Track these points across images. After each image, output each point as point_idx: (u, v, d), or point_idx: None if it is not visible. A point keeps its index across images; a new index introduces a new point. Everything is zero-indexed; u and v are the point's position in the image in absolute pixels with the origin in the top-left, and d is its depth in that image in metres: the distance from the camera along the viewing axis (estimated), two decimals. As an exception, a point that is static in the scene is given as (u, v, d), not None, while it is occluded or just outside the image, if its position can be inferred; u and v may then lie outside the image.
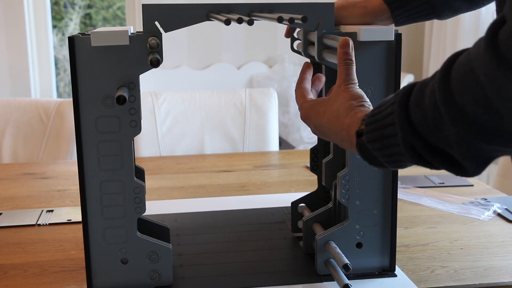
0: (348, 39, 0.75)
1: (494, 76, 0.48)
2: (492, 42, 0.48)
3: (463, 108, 0.51)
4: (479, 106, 0.50)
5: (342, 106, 0.70)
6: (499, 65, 0.47)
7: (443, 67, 0.54)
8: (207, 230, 1.11)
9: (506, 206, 1.22)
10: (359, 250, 0.92)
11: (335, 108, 0.71)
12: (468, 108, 0.51)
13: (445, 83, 0.52)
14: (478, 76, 0.49)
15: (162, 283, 0.89)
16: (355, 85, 0.73)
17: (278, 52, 4.01)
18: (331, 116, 0.72)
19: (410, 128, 0.57)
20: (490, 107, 0.49)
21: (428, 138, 0.56)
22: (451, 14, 0.93)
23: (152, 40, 0.79)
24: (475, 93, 0.50)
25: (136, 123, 0.84)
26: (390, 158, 0.62)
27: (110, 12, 4.94)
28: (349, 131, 0.67)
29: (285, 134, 3.58)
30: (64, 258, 1.00)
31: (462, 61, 0.52)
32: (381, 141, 0.61)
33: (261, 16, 0.79)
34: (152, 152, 1.87)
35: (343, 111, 0.69)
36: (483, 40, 0.50)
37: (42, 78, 3.74)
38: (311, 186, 1.39)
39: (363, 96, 0.71)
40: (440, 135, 0.55)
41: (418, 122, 0.56)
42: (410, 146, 0.58)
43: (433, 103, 0.54)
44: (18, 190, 1.40)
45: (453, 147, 0.54)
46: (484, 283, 0.90)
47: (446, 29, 3.43)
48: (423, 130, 0.56)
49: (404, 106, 0.58)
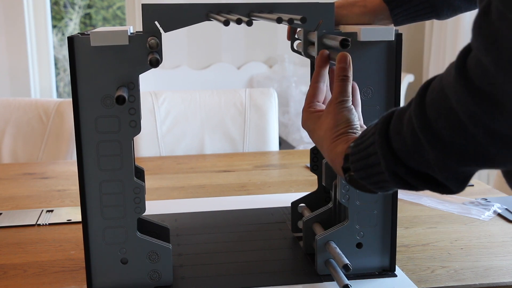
0: (346, 55, 0.76)
1: (465, 103, 0.49)
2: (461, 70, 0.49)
3: (439, 133, 0.53)
4: (454, 131, 0.52)
5: (325, 136, 0.73)
6: (469, 93, 0.49)
7: (418, 94, 0.56)
8: (207, 230, 1.11)
9: (506, 206, 1.22)
10: (359, 250, 0.92)
11: (321, 133, 0.74)
12: (444, 133, 0.53)
13: (421, 110, 0.54)
14: (451, 102, 0.51)
15: (162, 283, 0.89)
16: (347, 102, 0.74)
17: (278, 52, 4.01)
18: (317, 141, 0.75)
19: (392, 156, 0.59)
20: (464, 132, 0.51)
21: (410, 164, 0.58)
22: (451, 13, 0.93)
23: (152, 40, 0.79)
24: (449, 119, 0.52)
25: (135, 123, 0.84)
26: (377, 185, 0.64)
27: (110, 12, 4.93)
28: (334, 165, 0.71)
29: (285, 134, 3.57)
30: (64, 258, 1.00)
31: (436, 87, 0.54)
32: (366, 170, 0.64)
33: (260, 16, 0.79)
34: (152, 152, 1.87)
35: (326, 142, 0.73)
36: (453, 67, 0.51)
37: (42, 78, 3.74)
38: (311, 186, 1.39)
39: (348, 120, 0.72)
40: (420, 160, 0.57)
41: (399, 149, 0.59)
42: (393, 172, 0.60)
43: (411, 130, 0.56)
44: (18, 190, 1.40)
45: (435, 170, 0.56)
46: (484, 283, 0.90)
47: (446, 29, 3.43)
48: (405, 157, 0.58)
49: (384, 134, 0.60)
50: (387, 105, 0.88)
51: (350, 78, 0.76)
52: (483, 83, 0.48)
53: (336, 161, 0.70)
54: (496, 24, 0.45)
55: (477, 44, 0.48)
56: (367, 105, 0.87)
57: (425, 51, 3.79)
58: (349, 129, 0.72)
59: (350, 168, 0.66)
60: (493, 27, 0.46)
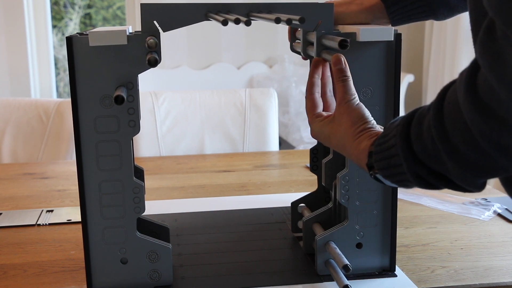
0: (339, 56, 0.77)
1: (474, 119, 0.51)
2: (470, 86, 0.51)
3: (456, 146, 0.55)
4: (468, 145, 0.53)
5: (346, 134, 0.74)
6: (476, 110, 0.50)
7: (436, 102, 0.57)
8: (207, 230, 1.11)
9: (506, 206, 1.21)
10: (359, 250, 0.92)
11: (340, 134, 0.75)
12: (460, 146, 0.54)
13: (439, 121, 0.56)
14: (464, 118, 0.53)
15: (162, 283, 0.89)
16: (354, 100, 0.76)
17: (278, 52, 4.01)
18: (338, 143, 0.76)
19: (413, 158, 0.61)
20: (477, 147, 0.52)
21: (431, 166, 0.60)
22: (447, 12, 0.92)
23: (150, 40, 0.79)
24: (464, 134, 0.53)
25: (134, 123, 0.84)
26: (400, 183, 0.66)
27: (110, 12, 4.93)
28: (359, 161, 0.72)
29: (285, 134, 3.57)
30: (64, 258, 1.00)
31: (452, 100, 0.55)
32: (389, 170, 0.65)
33: (259, 16, 0.79)
34: (152, 152, 1.87)
35: (348, 140, 0.73)
36: (463, 83, 0.52)
37: (42, 78, 3.74)
38: (311, 186, 1.39)
39: (364, 116, 0.74)
40: (440, 165, 0.58)
41: (420, 153, 0.60)
42: (415, 174, 0.62)
43: (431, 138, 0.58)
44: (18, 190, 1.40)
45: (453, 177, 0.58)
46: (484, 283, 0.90)
47: (446, 29, 3.43)
48: (426, 160, 0.60)
49: (405, 137, 0.62)
50: (386, 106, 0.88)
51: (350, 77, 0.77)
52: (490, 100, 0.48)
53: (360, 157, 0.71)
54: (499, 42, 0.46)
55: (483, 62, 0.48)
56: (367, 106, 0.87)
57: (425, 51, 3.79)
58: (367, 124, 0.73)
59: (374, 166, 0.68)
60: (497, 45, 0.46)
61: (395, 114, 0.88)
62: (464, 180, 0.57)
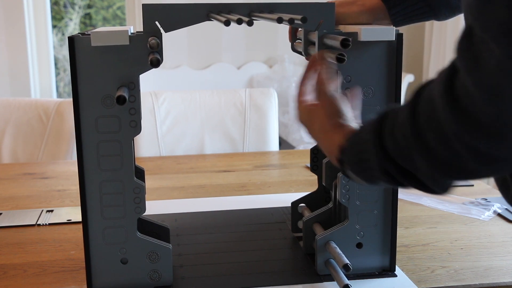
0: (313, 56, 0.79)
1: (449, 120, 0.51)
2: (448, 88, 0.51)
3: (428, 143, 0.55)
4: (441, 144, 0.54)
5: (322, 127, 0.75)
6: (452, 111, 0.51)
7: (411, 100, 0.58)
8: (207, 230, 1.11)
9: (506, 206, 1.21)
10: (359, 250, 0.92)
11: (317, 125, 0.76)
12: (432, 145, 0.54)
13: (414, 118, 0.56)
14: (439, 116, 0.53)
15: (162, 283, 0.89)
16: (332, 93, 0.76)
17: (278, 52, 4.00)
18: (315, 134, 0.77)
19: (384, 154, 0.61)
20: (450, 146, 0.53)
21: (401, 163, 0.60)
22: (449, 13, 0.92)
23: (152, 40, 0.79)
24: (437, 131, 0.53)
25: (136, 123, 0.84)
26: (369, 179, 0.67)
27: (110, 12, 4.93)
28: (331, 155, 0.73)
29: (285, 134, 3.57)
30: (64, 258, 1.00)
31: (428, 98, 0.55)
32: (359, 165, 0.66)
33: (261, 16, 0.79)
34: (152, 152, 1.87)
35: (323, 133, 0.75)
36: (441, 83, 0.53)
37: (42, 78, 3.74)
38: (311, 186, 1.39)
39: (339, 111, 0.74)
40: (410, 163, 0.59)
41: (391, 149, 0.61)
42: (384, 170, 0.63)
43: (403, 134, 0.58)
44: (18, 190, 1.40)
45: (421, 175, 0.59)
46: (485, 283, 0.90)
47: (446, 29, 3.43)
48: (396, 156, 0.60)
49: (378, 133, 0.62)
50: (387, 105, 0.88)
51: (326, 69, 0.77)
52: (466, 102, 0.49)
53: (332, 152, 0.72)
54: (477, 47, 0.47)
55: (461, 65, 0.49)
56: (368, 105, 0.87)
57: (425, 51, 3.79)
58: (342, 120, 0.73)
59: (345, 161, 0.69)
60: (475, 50, 0.47)
61: (395, 114, 0.88)
62: (432, 179, 0.58)
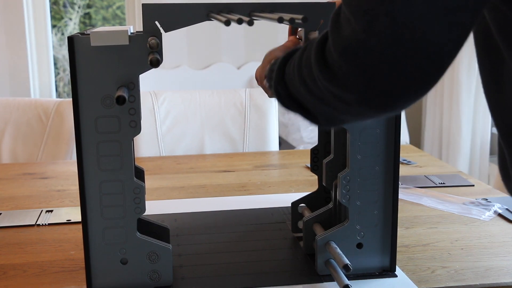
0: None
1: (316, 67, 0.61)
2: (319, 45, 0.61)
3: (305, 78, 0.64)
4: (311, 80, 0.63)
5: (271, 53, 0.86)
6: (319, 62, 0.60)
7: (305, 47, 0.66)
8: (207, 230, 1.11)
9: (507, 206, 1.21)
10: (359, 250, 0.92)
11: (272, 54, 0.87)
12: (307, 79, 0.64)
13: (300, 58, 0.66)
14: (311, 62, 0.62)
15: (162, 283, 0.88)
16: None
17: (278, 52, 4.00)
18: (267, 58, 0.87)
19: (281, 76, 0.70)
20: (316, 84, 0.63)
21: (291, 89, 0.69)
22: None
23: (152, 40, 0.79)
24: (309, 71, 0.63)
25: (135, 123, 0.84)
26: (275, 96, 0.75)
27: (109, 11, 4.93)
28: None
29: (285, 134, 3.57)
30: (63, 259, 1.00)
31: (309, 47, 0.64)
32: (269, 82, 0.76)
33: (261, 16, 0.79)
34: (152, 152, 1.86)
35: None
36: (314, 48, 0.62)
37: (42, 78, 3.74)
38: (311, 186, 1.39)
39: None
40: (294, 88, 0.68)
41: (287, 73, 0.69)
42: (277, 91, 0.71)
43: (293, 65, 0.68)
44: (17, 190, 1.39)
45: (304, 99, 0.67)
46: (485, 284, 0.90)
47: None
48: (288, 81, 0.69)
49: (286, 59, 0.70)
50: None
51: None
52: (327, 57, 0.60)
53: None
54: (341, 18, 0.58)
55: (329, 31, 0.60)
56: (368, 105, 0.87)
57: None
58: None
59: (266, 75, 0.79)
60: (339, 20, 0.58)
61: (396, 114, 0.88)
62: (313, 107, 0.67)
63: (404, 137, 3.29)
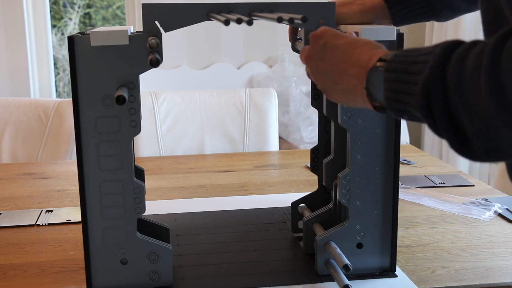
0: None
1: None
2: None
3: (504, 87, 0.47)
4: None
5: (366, 41, 0.65)
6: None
7: (499, 37, 0.49)
8: (207, 230, 1.11)
9: (507, 206, 1.21)
10: (359, 250, 0.92)
11: (351, 38, 0.67)
12: (509, 90, 0.47)
13: (497, 53, 0.48)
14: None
15: (162, 283, 0.88)
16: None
17: (278, 52, 4.00)
18: (351, 41, 0.66)
19: (441, 74, 0.52)
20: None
21: (451, 96, 0.51)
22: (450, 14, 0.92)
23: (152, 40, 0.79)
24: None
25: (136, 123, 0.84)
26: (396, 95, 0.56)
27: (109, 11, 4.93)
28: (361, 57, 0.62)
29: (285, 134, 3.57)
30: (63, 259, 1.00)
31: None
32: (399, 74, 0.56)
33: (261, 16, 0.79)
34: (152, 152, 1.86)
35: (367, 44, 0.65)
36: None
37: (41, 78, 3.74)
38: (311, 186, 1.39)
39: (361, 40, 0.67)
40: (464, 100, 0.50)
41: (450, 74, 0.51)
42: (427, 91, 0.53)
43: (476, 66, 0.49)
44: (17, 190, 1.39)
45: (473, 118, 0.50)
46: (485, 284, 0.90)
47: (447, 30, 3.43)
48: (452, 85, 0.51)
49: (447, 52, 0.53)
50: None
51: None
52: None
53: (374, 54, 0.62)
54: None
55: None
56: (368, 105, 0.87)
57: (425, 51, 3.79)
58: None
59: (385, 63, 0.59)
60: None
61: (396, 114, 0.88)
62: (487, 125, 0.48)
63: (404, 137, 3.29)
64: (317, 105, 1.03)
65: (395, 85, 0.57)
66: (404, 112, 0.57)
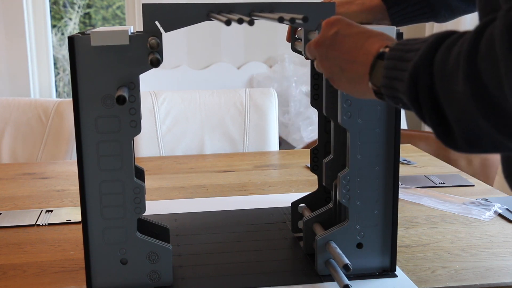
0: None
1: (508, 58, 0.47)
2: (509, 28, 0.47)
3: (479, 73, 0.48)
4: (493, 79, 0.48)
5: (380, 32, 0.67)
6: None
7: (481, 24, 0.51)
8: (207, 230, 1.11)
9: (507, 206, 1.21)
10: (359, 250, 0.92)
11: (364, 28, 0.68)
12: (484, 76, 0.48)
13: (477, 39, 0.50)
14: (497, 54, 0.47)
15: (161, 283, 0.88)
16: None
17: (278, 52, 4.00)
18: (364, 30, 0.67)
19: (429, 61, 0.53)
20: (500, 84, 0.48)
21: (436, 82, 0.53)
22: (448, 15, 0.92)
23: (152, 40, 0.79)
24: (493, 66, 0.48)
25: (136, 123, 0.84)
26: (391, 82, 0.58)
27: (109, 11, 4.93)
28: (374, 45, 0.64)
29: (285, 134, 3.57)
30: (63, 259, 1.00)
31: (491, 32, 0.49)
32: (396, 61, 0.58)
33: (261, 16, 0.79)
34: (152, 152, 1.86)
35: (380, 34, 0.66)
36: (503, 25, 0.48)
37: (41, 78, 3.74)
38: (311, 186, 1.39)
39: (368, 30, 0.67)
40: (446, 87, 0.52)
41: (437, 61, 0.53)
42: (415, 77, 0.54)
43: (457, 52, 0.51)
44: (17, 190, 1.39)
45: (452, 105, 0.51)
46: (485, 284, 0.90)
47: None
48: (437, 72, 0.53)
49: (439, 41, 0.54)
50: (387, 106, 0.88)
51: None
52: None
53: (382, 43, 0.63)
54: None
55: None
56: (368, 105, 0.87)
57: (425, 51, 3.79)
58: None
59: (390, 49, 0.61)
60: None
61: (396, 114, 0.88)
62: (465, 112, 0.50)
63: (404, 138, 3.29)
64: (317, 105, 1.03)
65: (391, 72, 0.58)
66: (398, 99, 0.58)
